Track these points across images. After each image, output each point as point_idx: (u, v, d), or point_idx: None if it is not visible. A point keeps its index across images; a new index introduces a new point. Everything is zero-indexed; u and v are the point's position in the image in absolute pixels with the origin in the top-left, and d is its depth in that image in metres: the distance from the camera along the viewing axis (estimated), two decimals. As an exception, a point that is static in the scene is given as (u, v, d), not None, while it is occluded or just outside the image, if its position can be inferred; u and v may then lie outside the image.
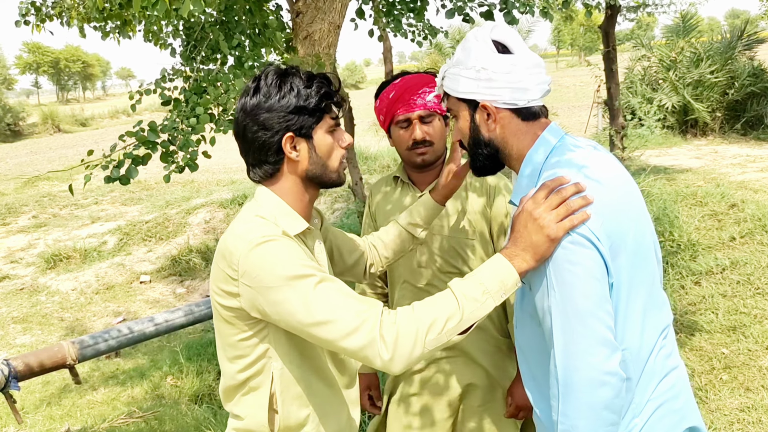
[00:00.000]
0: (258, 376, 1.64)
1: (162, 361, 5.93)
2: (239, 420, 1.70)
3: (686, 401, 1.62)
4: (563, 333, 1.46)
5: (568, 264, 1.45)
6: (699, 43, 13.45)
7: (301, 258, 1.52)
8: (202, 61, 2.96)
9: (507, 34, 1.65)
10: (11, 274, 9.02)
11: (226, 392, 1.71)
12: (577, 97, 26.22)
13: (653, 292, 1.58)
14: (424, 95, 2.23)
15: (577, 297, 1.44)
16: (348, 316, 1.45)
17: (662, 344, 1.58)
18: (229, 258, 1.54)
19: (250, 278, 1.51)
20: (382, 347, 1.43)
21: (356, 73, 61.78)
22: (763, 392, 3.92)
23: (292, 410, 1.66)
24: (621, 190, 1.56)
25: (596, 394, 1.42)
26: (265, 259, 1.50)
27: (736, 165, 9.74)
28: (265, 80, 1.62)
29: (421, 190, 2.36)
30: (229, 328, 1.61)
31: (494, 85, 1.60)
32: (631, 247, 1.51)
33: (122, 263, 8.91)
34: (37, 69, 76.90)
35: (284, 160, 1.64)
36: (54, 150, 25.67)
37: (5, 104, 37.12)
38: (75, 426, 4.65)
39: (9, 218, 11.89)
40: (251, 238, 1.52)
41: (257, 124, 1.60)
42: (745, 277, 5.36)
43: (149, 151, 2.82)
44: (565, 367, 1.46)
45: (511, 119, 1.63)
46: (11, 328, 7.17)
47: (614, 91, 8.27)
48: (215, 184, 13.59)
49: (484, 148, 1.67)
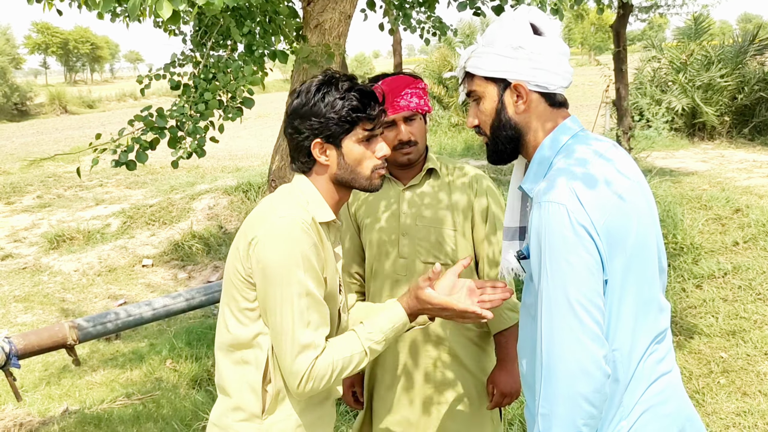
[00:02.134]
0: (254, 347, 1.71)
1: (161, 345, 5.94)
2: (228, 398, 1.75)
3: (678, 407, 1.61)
4: (551, 320, 1.46)
5: (565, 252, 1.45)
6: (710, 47, 13.39)
7: (309, 255, 1.64)
8: (213, 47, 2.96)
9: (542, 18, 1.65)
10: (14, 253, 9.05)
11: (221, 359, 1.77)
12: (585, 96, 26.13)
13: (650, 297, 1.57)
14: (407, 96, 2.27)
15: (570, 286, 1.44)
16: (297, 343, 1.62)
17: (654, 349, 1.58)
18: (256, 225, 1.66)
19: (264, 247, 1.62)
20: (303, 381, 1.63)
21: (364, 65, 61.53)
22: (760, 397, 3.93)
23: (278, 384, 1.71)
24: (629, 192, 1.55)
25: (577, 384, 1.43)
26: (284, 240, 1.61)
27: (743, 170, 9.72)
28: (309, 86, 1.74)
29: (404, 183, 2.39)
30: (237, 295, 1.70)
31: (530, 66, 1.59)
32: (630, 249, 1.50)
33: (125, 246, 8.92)
34: (46, 49, 76.95)
35: (315, 162, 1.76)
36: (60, 131, 25.70)
37: (13, 83, 37.17)
38: (73, 406, 4.67)
39: (14, 197, 11.93)
40: (284, 214, 1.65)
41: (292, 126, 1.75)
42: (747, 282, 5.36)
43: (157, 137, 2.83)
44: (549, 354, 1.46)
45: (539, 102, 1.62)
46: (13, 307, 7.20)
47: (623, 92, 8.25)
48: (220, 170, 13.60)
49: (508, 130, 1.65)
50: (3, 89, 35.72)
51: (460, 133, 14.75)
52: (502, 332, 2.34)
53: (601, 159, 1.56)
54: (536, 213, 1.52)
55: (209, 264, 8.41)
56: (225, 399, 1.77)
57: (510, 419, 3.75)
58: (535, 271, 1.54)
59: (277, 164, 3.02)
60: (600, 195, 1.48)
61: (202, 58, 2.90)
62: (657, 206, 5.62)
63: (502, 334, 2.33)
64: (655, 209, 1.65)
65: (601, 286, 1.46)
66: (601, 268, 1.46)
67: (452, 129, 15.13)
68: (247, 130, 22.16)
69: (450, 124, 15.26)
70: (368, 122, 1.74)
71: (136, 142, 2.84)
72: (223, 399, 1.78)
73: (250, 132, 21.27)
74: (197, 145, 2.84)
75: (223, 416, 1.76)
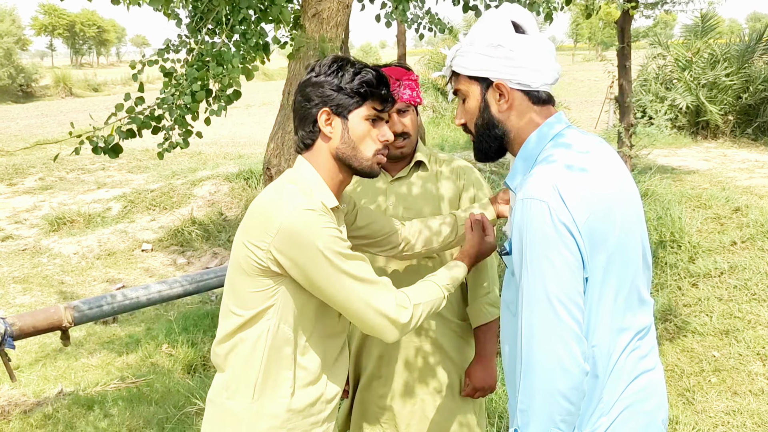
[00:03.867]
0: (253, 328, 1.74)
1: (158, 329, 5.97)
2: (222, 375, 1.80)
3: (657, 405, 1.62)
4: (531, 317, 1.47)
5: (546, 249, 1.45)
6: (716, 45, 13.33)
7: (336, 232, 1.68)
8: (208, 34, 2.95)
9: (524, 15, 1.65)
10: (15, 234, 9.08)
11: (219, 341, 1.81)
12: (590, 92, 26.07)
13: (632, 293, 1.57)
14: (401, 88, 2.26)
15: (549, 284, 1.45)
16: (372, 293, 1.69)
17: (637, 345, 1.58)
18: (270, 217, 1.66)
19: (289, 239, 1.64)
20: (394, 324, 1.71)
21: (371, 55, 61.45)
22: (750, 397, 3.94)
23: (273, 370, 1.75)
24: (613, 189, 1.55)
25: (555, 380, 1.44)
26: (308, 228, 1.64)
27: (744, 170, 9.70)
28: (323, 61, 1.80)
29: (392, 175, 2.39)
30: (245, 280, 1.72)
31: (510, 64, 1.59)
32: (612, 246, 1.51)
33: (125, 230, 8.95)
34: (53, 31, 76.85)
35: (319, 133, 1.77)
36: (65, 113, 25.69)
37: (19, 65, 37.13)
38: (68, 388, 4.71)
39: (16, 179, 11.95)
40: (296, 203, 1.66)
41: (302, 93, 1.78)
42: (743, 282, 5.36)
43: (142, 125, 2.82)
44: (528, 350, 1.47)
45: (522, 101, 1.62)
46: (11, 288, 7.23)
47: (626, 88, 8.23)
48: (222, 157, 13.60)
49: (492, 129, 1.66)
50: (8, 70, 35.68)
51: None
52: (481, 327, 2.35)
53: (585, 156, 1.56)
54: (518, 209, 1.52)
55: (208, 250, 8.44)
56: (220, 376, 1.82)
57: (501, 413, 3.77)
58: (516, 267, 1.55)
59: (272, 152, 3.03)
60: (583, 193, 1.48)
61: (196, 44, 2.90)
62: (656, 204, 5.57)
63: (481, 329, 2.35)
64: (640, 206, 1.65)
65: (581, 284, 1.47)
66: (581, 266, 1.47)
67: (455, 122, 15.11)
68: (251, 117, 22.15)
69: (453, 117, 15.22)
70: (379, 102, 1.78)
71: (118, 132, 2.84)
72: (218, 376, 1.83)
73: (254, 119, 21.26)
74: (182, 137, 2.83)
75: (218, 393, 1.81)
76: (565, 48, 79.43)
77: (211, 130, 15.77)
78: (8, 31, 37.69)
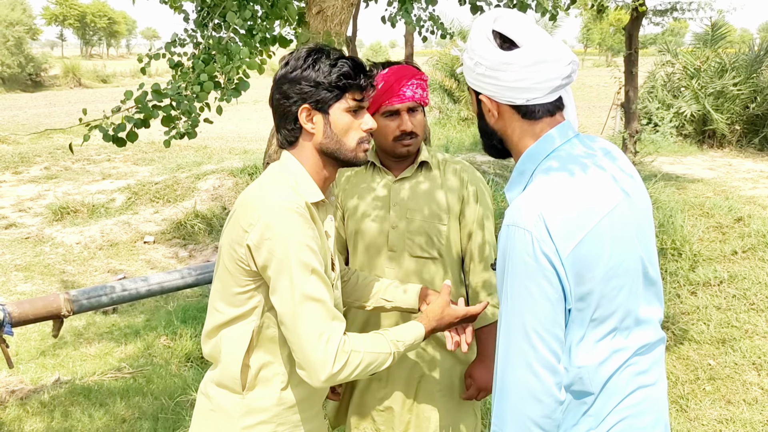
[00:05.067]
0: (240, 325, 1.73)
1: (157, 321, 6.00)
2: (214, 369, 1.81)
3: (654, 420, 1.58)
4: (506, 342, 1.46)
5: (525, 279, 1.42)
6: (725, 54, 13.30)
7: (313, 242, 1.64)
8: (214, 28, 2.97)
9: (514, 24, 1.52)
10: (18, 222, 9.12)
11: (206, 335, 1.81)
12: (599, 97, 26.03)
13: (628, 317, 1.52)
14: (413, 87, 2.24)
15: (526, 314, 1.42)
16: (319, 324, 1.59)
17: (634, 362, 1.54)
18: (251, 212, 1.64)
19: (263, 237, 1.61)
20: (332, 368, 1.58)
21: (380, 54, 61.47)
22: (743, 406, 3.95)
23: (262, 366, 1.75)
24: (606, 212, 1.48)
25: (527, 408, 1.43)
26: (283, 228, 1.61)
27: (749, 179, 9.69)
28: (297, 54, 1.74)
29: (395, 175, 2.37)
30: (230, 279, 1.71)
31: (491, 81, 1.52)
32: (601, 272, 1.46)
33: (128, 222, 8.98)
34: (63, 21, 77.11)
35: (301, 130, 1.74)
36: (73, 104, 25.78)
37: (28, 54, 37.25)
38: (65, 376, 4.73)
39: (21, 167, 12.00)
40: (279, 200, 1.64)
41: (280, 92, 1.73)
42: (742, 292, 5.36)
43: (149, 115, 2.84)
44: (503, 374, 1.46)
45: (511, 115, 1.56)
46: (13, 276, 7.27)
47: (632, 95, 8.22)
48: (228, 152, 13.63)
49: (489, 138, 1.65)
50: (18, 59, 35.81)
51: (470, 127, 14.71)
52: (482, 328, 2.34)
53: (581, 175, 1.50)
54: (503, 234, 1.49)
55: (210, 244, 8.46)
56: (212, 369, 1.82)
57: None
58: (498, 290, 1.52)
59: (273, 147, 3.04)
60: (570, 221, 1.43)
61: (203, 38, 2.92)
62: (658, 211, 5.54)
63: (483, 330, 2.34)
64: (648, 218, 1.59)
65: (561, 316, 1.43)
66: (562, 297, 1.42)
67: (462, 123, 15.11)
68: (259, 113, 22.19)
69: (459, 118, 15.23)
70: (358, 92, 1.74)
71: (128, 120, 2.86)
72: (211, 369, 1.83)
73: (261, 115, 21.30)
74: (190, 126, 2.86)
75: (209, 385, 1.82)
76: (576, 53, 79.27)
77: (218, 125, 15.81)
78: (19, 20, 37.80)
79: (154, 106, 2.86)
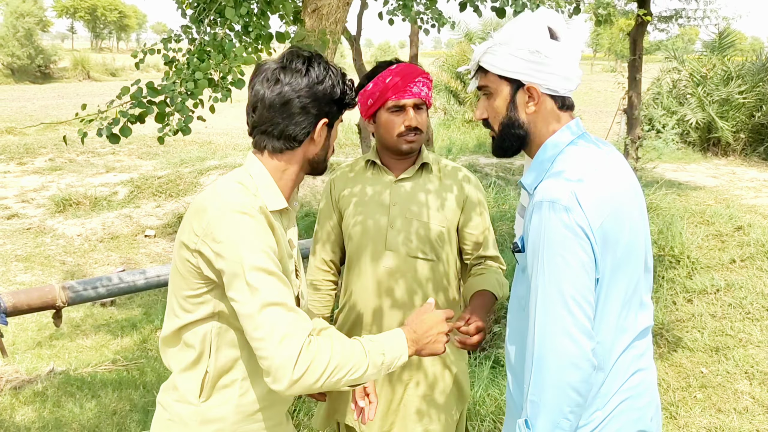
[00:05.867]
0: (195, 332, 1.67)
1: (155, 314, 6.03)
2: (171, 377, 1.73)
3: (649, 403, 1.69)
4: (545, 313, 1.53)
5: (562, 250, 1.52)
6: (730, 62, 13.25)
7: (266, 244, 1.56)
8: (210, 25, 2.98)
9: (559, 22, 1.69)
10: (21, 213, 9.17)
11: (164, 342, 1.74)
12: (606, 102, 25.99)
13: (634, 295, 1.65)
14: (419, 84, 2.26)
15: (564, 282, 1.51)
16: (280, 326, 1.49)
17: (635, 345, 1.66)
18: (201, 214, 1.58)
19: (214, 241, 1.54)
20: (293, 371, 1.46)
21: (389, 53, 61.54)
22: (733, 415, 3.94)
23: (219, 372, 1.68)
24: (625, 196, 1.63)
25: (566, 374, 1.51)
26: (235, 231, 1.54)
27: (751, 188, 9.66)
28: (317, 64, 1.69)
29: (395, 175, 2.36)
30: (182, 283, 1.64)
31: (544, 69, 1.64)
32: (621, 250, 1.58)
33: (130, 215, 9.02)
34: (74, 14, 77.35)
35: (306, 141, 1.70)
36: (81, 96, 25.86)
37: (38, 46, 37.40)
38: (60, 367, 4.76)
39: (26, 158, 12.06)
40: (229, 203, 1.57)
41: (303, 102, 1.66)
42: (738, 301, 5.35)
43: (145, 111, 2.86)
44: (541, 345, 1.54)
45: (549, 105, 1.68)
46: (13, 266, 7.31)
47: (635, 100, 8.21)
48: (232, 147, 13.67)
49: (517, 129, 1.70)
50: (28, 51, 35.97)
51: (473, 129, 14.71)
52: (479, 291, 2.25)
53: (599, 162, 1.64)
54: (537, 211, 1.58)
55: (211, 239, 8.49)
56: (170, 377, 1.75)
57: (483, 416, 3.79)
58: (530, 265, 1.61)
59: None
60: (598, 198, 1.55)
61: (198, 34, 2.93)
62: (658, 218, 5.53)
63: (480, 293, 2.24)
64: (646, 213, 1.72)
65: (593, 284, 1.54)
66: (594, 266, 1.54)
67: (466, 125, 15.10)
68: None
69: (464, 120, 15.22)
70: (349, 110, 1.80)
71: (123, 115, 2.87)
72: (169, 377, 1.76)
73: (267, 112, 21.29)
74: (184, 123, 2.87)
75: (165, 394, 1.75)
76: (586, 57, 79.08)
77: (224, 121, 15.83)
78: (30, 12, 37.94)
79: (149, 102, 2.87)
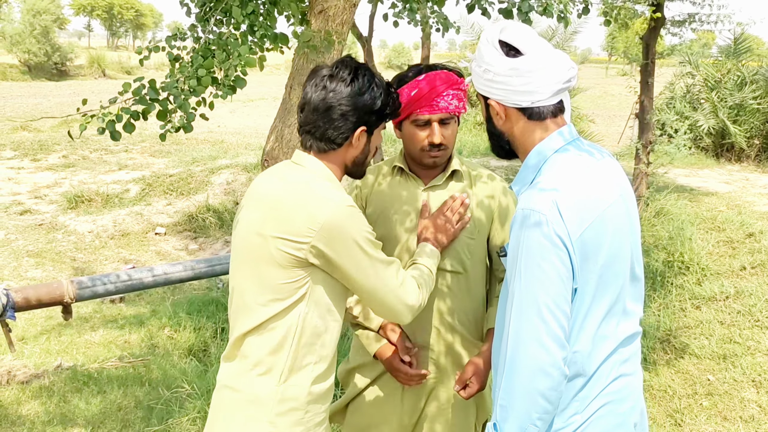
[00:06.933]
0: (284, 318, 1.82)
1: (162, 312, 6.06)
2: (246, 360, 1.86)
3: (632, 408, 1.70)
4: (519, 320, 1.56)
5: (539, 258, 1.54)
6: (744, 67, 13.13)
7: (368, 227, 1.86)
8: (216, 24, 3.00)
9: (517, 34, 1.68)
10: (33, 209, 9.25)
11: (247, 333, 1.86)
12: (620, 106, 25.82)
13: (617, 304, 1.66)
14: (448, 97, 2.15)
15: (539, 291, 1.54)
16: (396, 280, 1.88)
17: (619, 351, 1.67)
18: (311, 212, 1.77)
19: (331, 235, 1.76)
20: (410, 310, 1.91)
21: (403, 55, 61.54)
22: (739, 423, 3.91)
23: (300, 356, 1.84)
24: (610, 203, 1.63)
25: (536, 381, 1.53)
26: (349, 223, 1.79)
27: (765, 195, 9.57)
28: (362, 76, 1.87)
29: (425, 183, 2.30)
30: (277, 272, 1.80)
31: (497, 86, 1.67)
32: (602, 260, 1.59)
33: (141, 213, 9.08)
34: (91, 12, 77.89)
35: (345, 144, 1.88)
36: (96, 94, 26.01)
37: (55, 43, 37.70)
38: (67, 362, 4.80)
39: (40, 155, 12.15)
40: (339, 200, 1.80)
41: (343, 109, 1.84)
42: (747, 308, 5.31)
43: (147, 108, 2.88)
44: (514, 350, 1.56)
45: (518, 117, 1.70)
46: (25, 261, 7.37)
47: (647, 105, 8.16)
48: (244, 147, 13.70)
49: (498, 138, 1.78)
50: (45, 48, 36.25)
51: (484, 131, 14.57)
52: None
53: (586, 170, 1.65)
54: (518, 218, 1.61)
55: (221, 238, 8.53)
56: (242, 362, 1.87)
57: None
58: (509, 272, 1.64)
59: (271, 145, 3.07)
60: (579, 209, 1.57)
61: (203, 33, 2.96)
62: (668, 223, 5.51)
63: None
64: (636, 219, 1.73)
65: (569, 294, 1.56)
66: (571, 276, 1.56)
67: (477, 127, 15.04)
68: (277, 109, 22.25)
69: (475, 122, 15.17)
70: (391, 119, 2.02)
71: (125, 112, 2.90)
72: (240, 362, 1.88)
73: (280, 112, 21.34)
74: (186, 121, 2.89)
75: (240, 375, 1.86)
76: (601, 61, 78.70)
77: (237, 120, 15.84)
78: (47, 9, 38.25)
79: (152, 99, 2.90)
